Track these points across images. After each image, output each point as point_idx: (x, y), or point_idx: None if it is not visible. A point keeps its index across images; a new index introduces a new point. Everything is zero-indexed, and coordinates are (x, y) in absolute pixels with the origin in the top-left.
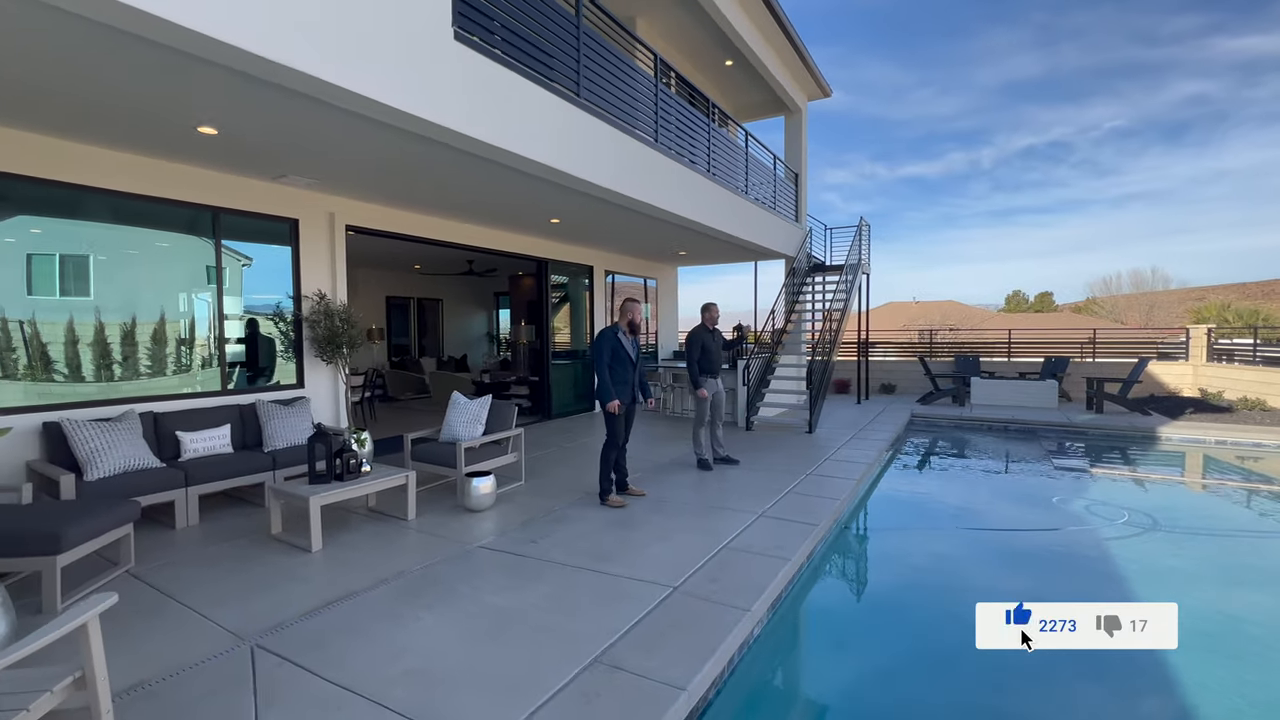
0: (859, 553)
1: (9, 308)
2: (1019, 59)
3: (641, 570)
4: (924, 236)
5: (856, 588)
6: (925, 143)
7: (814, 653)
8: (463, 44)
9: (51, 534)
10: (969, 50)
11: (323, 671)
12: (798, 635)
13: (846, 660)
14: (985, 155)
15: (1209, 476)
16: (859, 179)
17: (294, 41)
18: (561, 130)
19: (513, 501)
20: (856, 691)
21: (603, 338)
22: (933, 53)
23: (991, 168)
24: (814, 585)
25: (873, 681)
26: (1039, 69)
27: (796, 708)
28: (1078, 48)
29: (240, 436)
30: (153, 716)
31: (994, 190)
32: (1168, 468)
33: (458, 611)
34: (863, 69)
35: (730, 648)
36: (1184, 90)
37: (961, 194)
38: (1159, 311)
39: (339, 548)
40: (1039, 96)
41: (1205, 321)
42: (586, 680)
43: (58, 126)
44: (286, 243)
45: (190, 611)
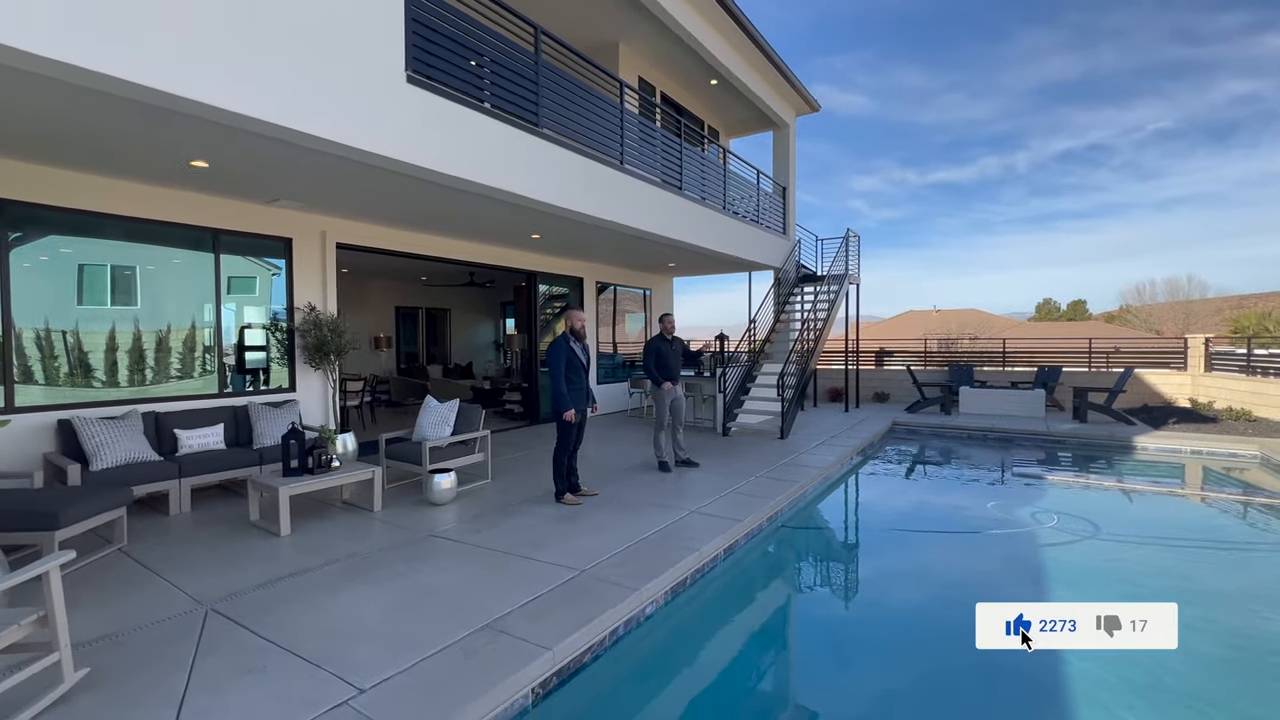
0: (784, 548)
1: (38, 318)
2: (1055, 60)
3: (563, 557)
4: (956, 243)
5: (766, 580)
6: (956, 147)
7: (707, 634)
8: (415, 85)
9: (50, 513)
10: (1002, 53)
11: (258, 629)
12: (698, 618)
13: (736, 643)
14: (1020, 159)
15: (1165, 486)
16: (888, 185)
17: (254, 95)
18: (518, 158)
19: (474, 497)
20: (737, 670)
21: (556, 348)
22: (963, 56)
23: (1027, 172)
24: (729, 575)
25: (755, 663)
26: (1076, 70)
27: (678, 678)
28: (1117, 47)
29: (233, 434)
30: (112, 659)
31: (1030, 195)
32: (1130, 476)
33: (389, 587)
34: (891, 74)
35: (611, 621)
36: (1232, 90)
37: (995, 199)
38: (1195, 320)
39: (306, 533)
40: (1077, 98)
41: (1244, 331)
42: (471, 641)
43: (78, 163)
44: (281, 257)
45: (164, 582)
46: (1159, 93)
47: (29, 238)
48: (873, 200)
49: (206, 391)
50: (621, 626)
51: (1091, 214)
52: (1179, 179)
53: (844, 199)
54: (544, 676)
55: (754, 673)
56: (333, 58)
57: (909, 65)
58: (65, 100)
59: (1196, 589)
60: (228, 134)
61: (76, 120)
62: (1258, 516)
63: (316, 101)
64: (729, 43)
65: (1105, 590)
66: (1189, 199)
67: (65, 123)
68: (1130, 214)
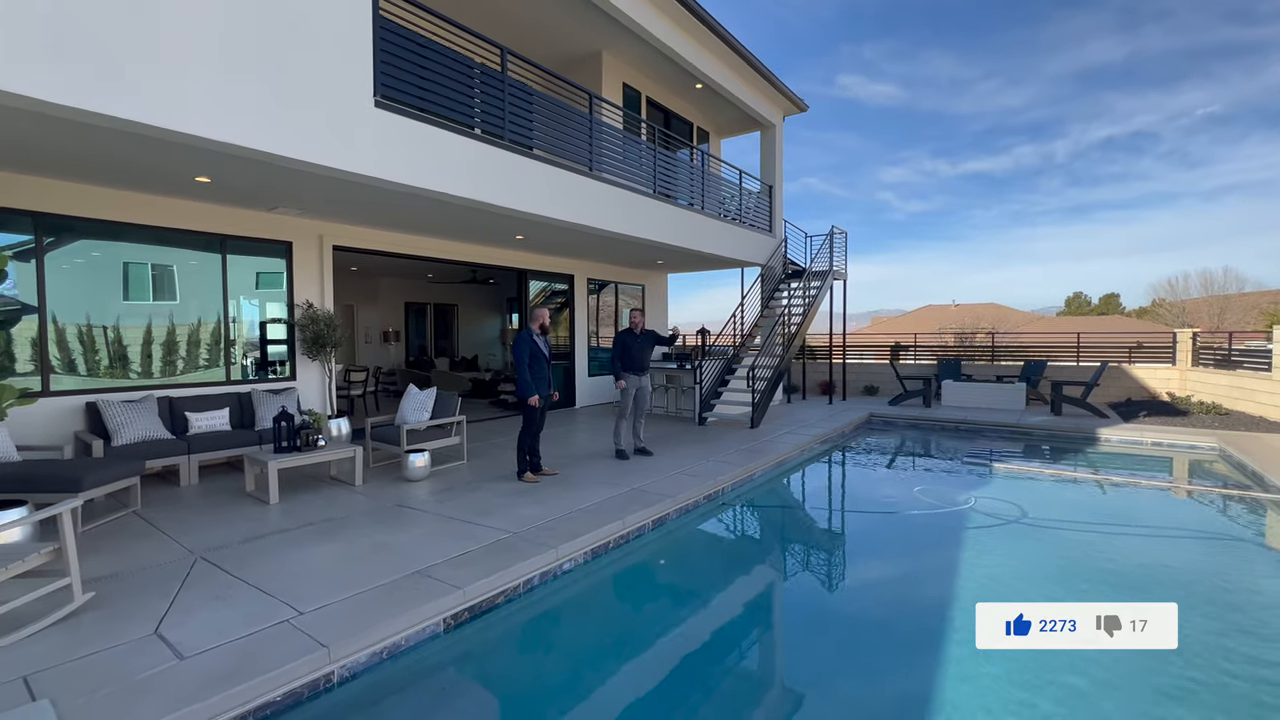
0: (716, 522)
1: (72, 314)
2: (1097, 44)
3: (504, 523)
4: (989, 235)
5: (692, 548)
6: (991, 136)
7: (621, 589)
8: (383, 109)
9: (75, 478)
10: (1039, 38)
11: (233, 572)
12: (617, 576)
13: (644, 598)
14: (1059, 147)
15: (1110, 475)
16: (918, 176)
17: (236, 126)
18: (485, 169)
19: (447, 475)
20: (637, 618)
21: (521, 341)
22: (999, 41)
23: (1066, 161)
24: (658, 542)
25: (659, 613)
26: (1120, 53)
27: (583, 622)
28: (1164, 29)
29: (238, 417)
30: (114, 589)
31: (1069, 185)
32: (1079, 466)
33: (348, 543)
34: (922, 61)
35: (524, 571)
36: None
37: (1032, 190)
38: (1230, 315)
39: (291, 502)
40: (1120, 83)
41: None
42: (399, 582)
43: (101, 179)
44: (283, 259)
45: (165, 536)
46: (1209, 75)
47: (61, 244)
48: (902, 192)
49: (215, 380)
50: (537, 578)
51: (1134, 204)
52: (1229, 166)
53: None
54: (455, 610)
55: (656, 621)
56: (306, 89)
57: (941, 52)
58: (78, 133)
59: (1076, 570)
60: (220, 158)
61: (90, 148)
62: (1178, 504)
63: (292, 128)
64: (708, 51)
65: (985, 564)
66: (1240, 187)
67: (81, 149)
68: (1176, 204)
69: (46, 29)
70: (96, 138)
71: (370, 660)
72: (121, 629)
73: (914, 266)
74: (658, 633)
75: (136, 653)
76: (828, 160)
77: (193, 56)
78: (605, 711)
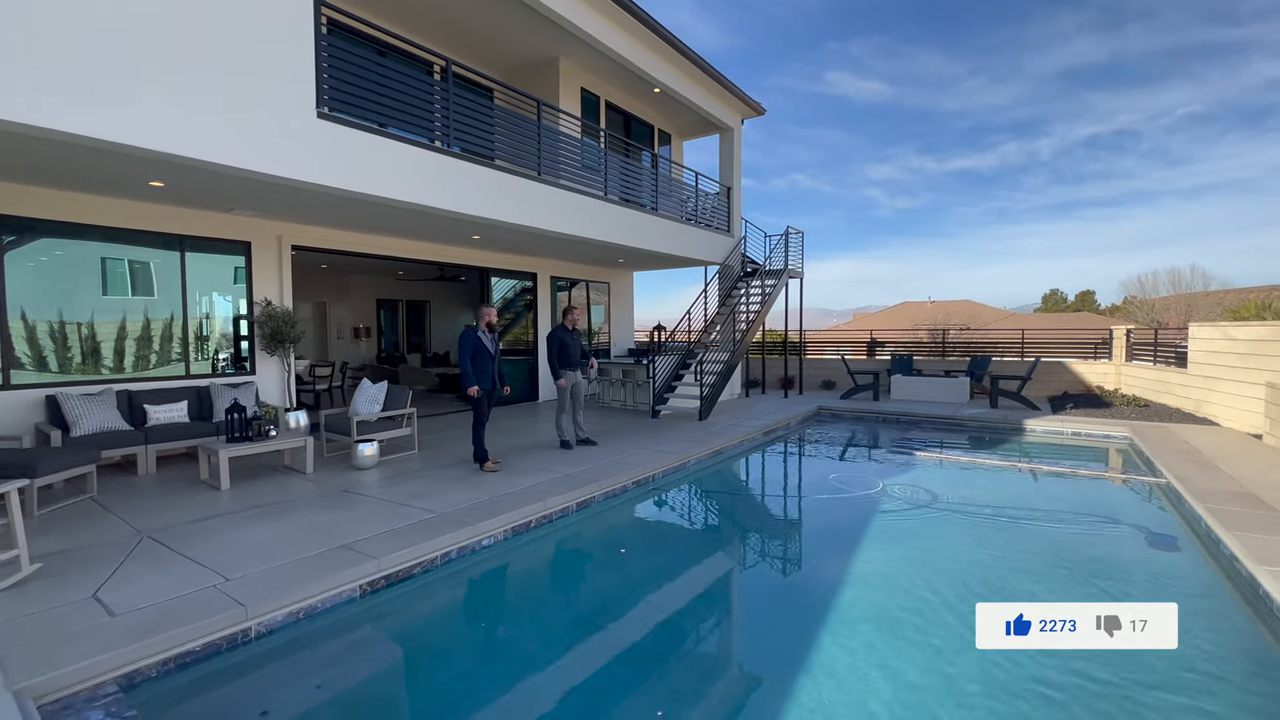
0: (641, 503)
1: (36, 310)
2: (1081, 43)
3: (434, 505)
4: (974, 232)
5: (611, 527)
6: (977, 134)
7: (536, 564)
8: (324, 120)
9: (30, 465)
10: (1025, 36)
11: (174, 548)
12: (534, 551)
13: (559, 570)
14: (1043, 145)
15: (1021, 462)
16: (905, 174)
17: (183, 139)
18: (427, 174)
19: (395, 464)
20: (548, 588)
21: (466, 336)
22: (985, 40)
23: (1050, 159)
24: (581, 523)
25: (570, 583)
26: (1103, 53)
27: (495, 590)
28: (1147, 29)
29: (196, 409)
30: (62, 562)
31: (1053, 183)
32: (1000, 455)
33: (287, 523)
34: (910, 59)
35: (442, 545)
36: (1268, 71)
37: (1016, 187)
38: (1197, 312)
39: (242, 488)
40: (1103, 82)
41: (1245, 320)
42: (325, 554)
43: (60, 183)
44: (242, 257)
45: (117, 519)
46: (1190, 75)
47: (21, 243)
48: (890, 189)
49: (175, 374)
50: (455, 551)
51: (1117, 202)
52: (1209, 165)
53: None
54: (371, 578)
55: (567, 590)
56: (251, 103)
57: (928, 49)
58: (28, 145)
59: (955, 551)
60: (169, 166)
61: (43, 156)
62: (1074, 486)
63: (238, 140)
64: (662, 59)
65: (888, 545)
66: (1219, 186)
67: (35, 157)
68: (1157, 202)
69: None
70: (47, 149)
71: (287, 619)
72: (62, 594)
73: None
74: (565, 597)
75: (74, 612)
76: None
77: (143, 75)
78: (500, 659)
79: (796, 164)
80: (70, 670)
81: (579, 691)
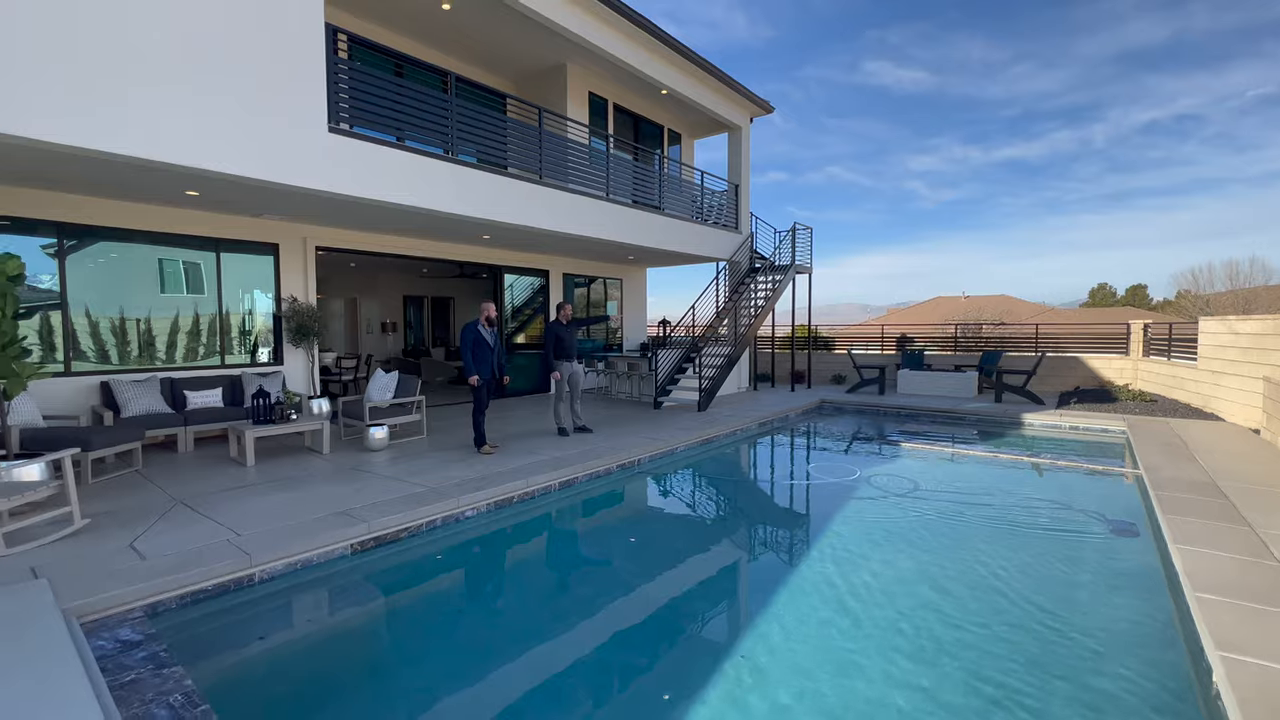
0: (619, 485)
1: (93, 307)
2: (1138, 23)
3: (429, 481)
4: (1021, 224)
5: (593, 505)
6: (1024, 122)
7: (513, 532)
8: (334, 134)
9: (85, 439)
10: (1074, 18)
11: (201, 511)
12: (514, 524)
13: (529, 536)
14: (1097, 132)
15: (1011, 454)
16: (947, 164)
17: (208, 153)
18: (434, 180)
19: (404, 447)
20: (525, 556)
21: (467, 330)
22: (1032, 23)
23: (1104, 146)
24: (563, 501)
25: (544, 553)
26: (1163, 32)
27: (475, 556)
28: (1212, 4)
29: (230, 396)
30: (107, 520)
31: (1107, 171)
32: (985, 447)
33: (299, 493)
34: (952, 45)
35: (428, 514)
36: None
37: (1067, 176)
38: (1257, 307)
39: (266, 465)
40: (1163, 64)
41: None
42: (325, 518)
43: (112, 194)
44: (271, 257)
45: (156, 488)
46: (1260, 54)
47: (80, 247)
48: (931, 181)
49: (211, 364)
50: (440, 519)
51: (1176, 190)
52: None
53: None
54: (361, 539)
55: (535, 555)
56: (267, 122)
57: (971, 35)
58: (77, 162)
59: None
60: (199, 179)
61: (94, 171)
62: (1051, 478)
63: (256, 155)
64: (667, 63)
65: (837, 528)
66: None
67: (91, 172)
68: (1221, 190)
69: (49, 79)
70: (96, 165)
71: (286, 568)
72: (105, 543)
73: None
74: (533, 561)
75: (112, 556)
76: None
77: (170, 99)
78: (469, 605)
79: (833, 156)
80: (106, 596)
81: (529, 632)
